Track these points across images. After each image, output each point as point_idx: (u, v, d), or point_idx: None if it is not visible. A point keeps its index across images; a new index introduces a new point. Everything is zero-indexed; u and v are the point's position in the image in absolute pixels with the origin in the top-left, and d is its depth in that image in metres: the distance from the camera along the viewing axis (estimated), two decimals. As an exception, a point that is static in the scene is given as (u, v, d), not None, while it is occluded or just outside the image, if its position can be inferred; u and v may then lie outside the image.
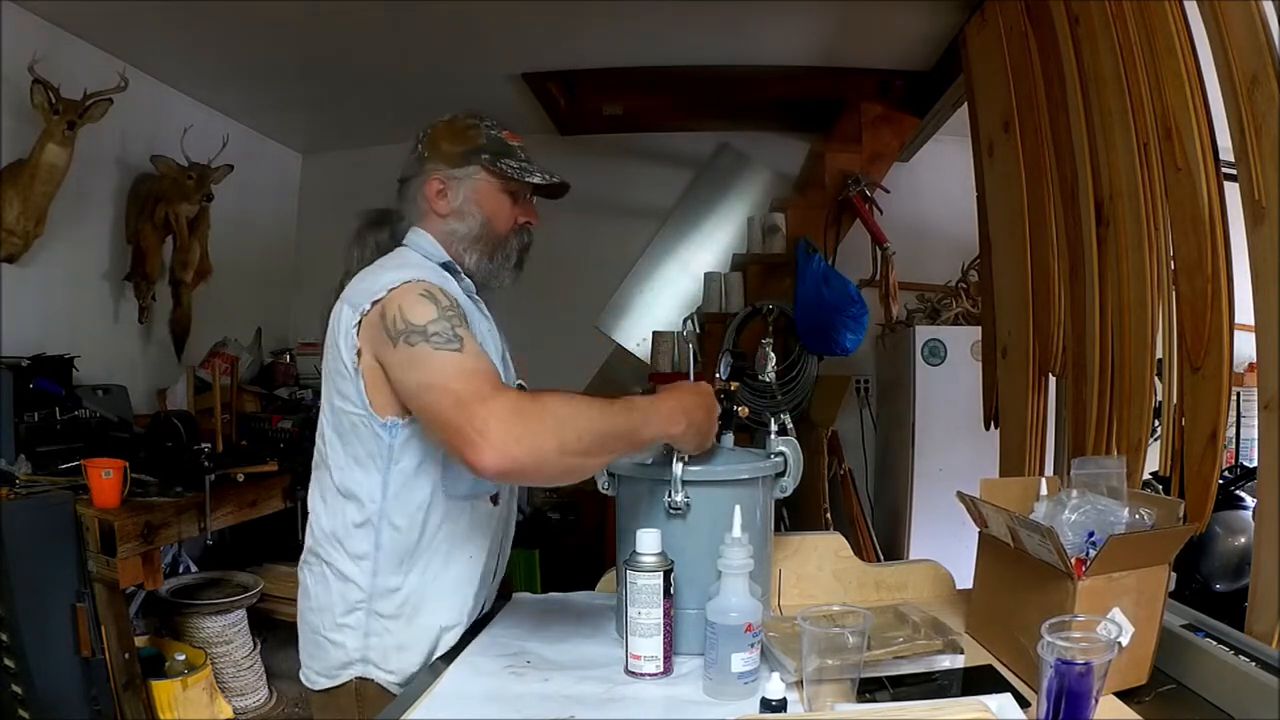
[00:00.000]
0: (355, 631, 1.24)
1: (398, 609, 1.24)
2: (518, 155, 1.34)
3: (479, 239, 1.33)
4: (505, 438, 1.00)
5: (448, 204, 1.32)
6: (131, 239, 3.18)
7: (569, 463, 1.05)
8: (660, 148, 4.25)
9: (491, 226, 1.33)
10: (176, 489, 2.43)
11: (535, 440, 1.01)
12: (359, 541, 1.24)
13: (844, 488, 3.59)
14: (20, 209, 2.56)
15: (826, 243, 3.51)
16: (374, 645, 1.25)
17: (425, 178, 1.33)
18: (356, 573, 1.24)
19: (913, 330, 3.63)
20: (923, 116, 3.55)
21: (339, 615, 1.25)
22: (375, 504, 1.23)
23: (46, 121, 2.53)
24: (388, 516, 1.23)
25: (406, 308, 1.13)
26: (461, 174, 1.32)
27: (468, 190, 1.32)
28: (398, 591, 1.24)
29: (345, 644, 1.25)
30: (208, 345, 3.57)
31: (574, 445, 1.04)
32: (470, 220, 1.32)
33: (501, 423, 1.01)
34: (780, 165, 4.17)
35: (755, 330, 3.47)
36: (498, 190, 1.33)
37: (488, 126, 1.35)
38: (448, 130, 1.34)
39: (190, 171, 3.09)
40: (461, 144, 1.32)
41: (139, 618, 2.70)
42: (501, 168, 1.32)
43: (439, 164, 1.32)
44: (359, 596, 1.24)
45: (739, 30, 3.06)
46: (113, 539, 2.13)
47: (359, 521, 1.23)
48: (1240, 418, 2.60)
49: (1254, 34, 1.33)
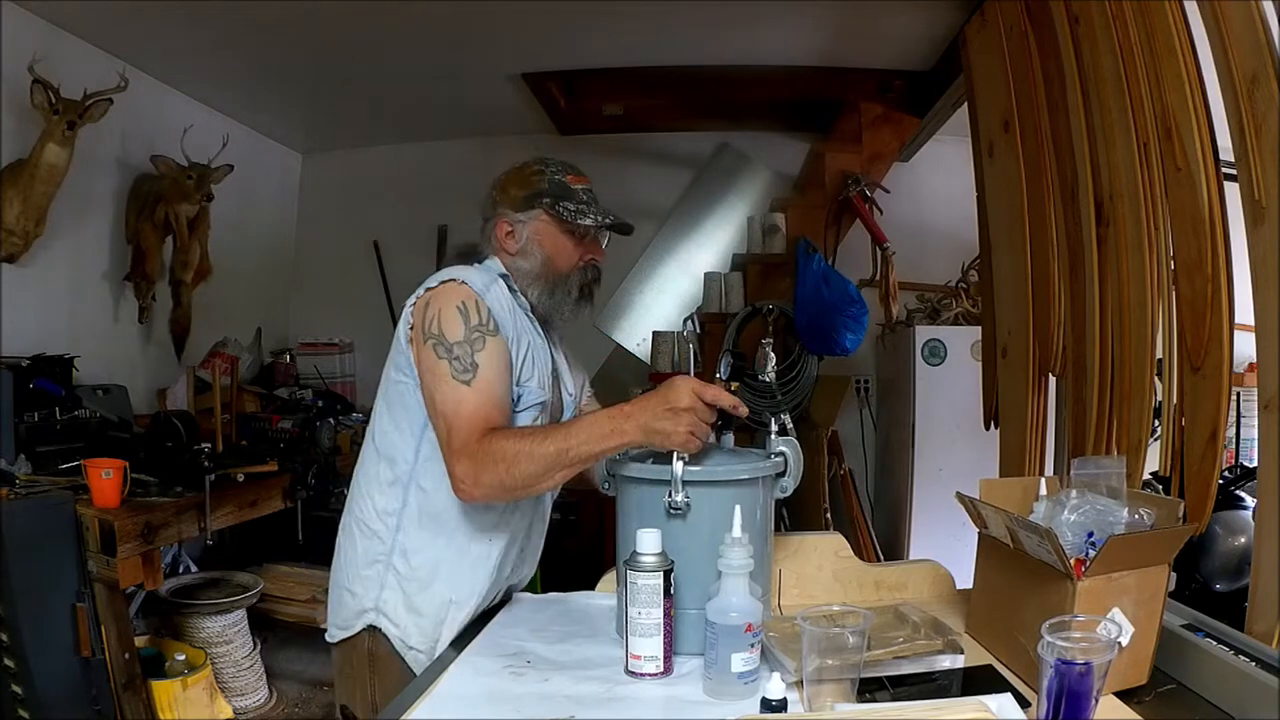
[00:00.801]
0: (372, 582, 1.37)
1: (413, 570, 1.36)
2: (578, 198, 1.43)
3: (540, 276, 1.43)
4: (467, 482, 1.23)
5: (514, 244, 1.44)
6: (131, 239, 3.18)
7: (515, 495, 1.28)
8: (660, 148, 4.25)
9: (553, 265, 1.43)
10: (176, 489, 2.43)
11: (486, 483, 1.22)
12: (388, 499, 1.37)
13: (844, 488, 3.59)
14: (20, 209, 2.56)
15: (826, 243, 3.51)
16: (386, 599, 1.36)
17: (496, 220, 1.45)
18: (381, 528, 1.37)
19: (913, 330, 3.63)
20: (923, 116, 3.55)
21: (361, 567, 1.38)
22: (408, 464, 1.36)
23: (46, 121, 2.53)
24: (417, 478, 1.35)
25: (442, 315, 1.29)
26: (525, 217, 1.43)
27: (530, 232, 1.43)
28: (417, 553, 1.36)
29: (361, 593, 1.37)
30: (208, 345, 3.57)
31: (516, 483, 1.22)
32: (532, 259, 1.43)
33: (465, 468, 1.23)
34: (780, 165, 4.17)
35: (755, 330, 3.46)
36: (559, 231, 1.43)
37: (552, 171, 1.45)
38: (516, 175, 1.46)
39: (190, 171, 3.09)
40: (525, 189, 1.43)
41: (139, 618, 2.70)
42: (559, 211, 1.42)
43: (505, 209, 1.44)
44: (380, 549, 1.37)
45: (739, 30, 3.06)
46: (113, 539, 2.13)
47: (390, 480, 1.37)
48: (1240, 418, 2.59)
49: (1254, 34, 1.33)
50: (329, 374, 4.02)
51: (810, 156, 3.88)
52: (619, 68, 3.48)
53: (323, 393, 3.81)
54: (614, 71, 3.52)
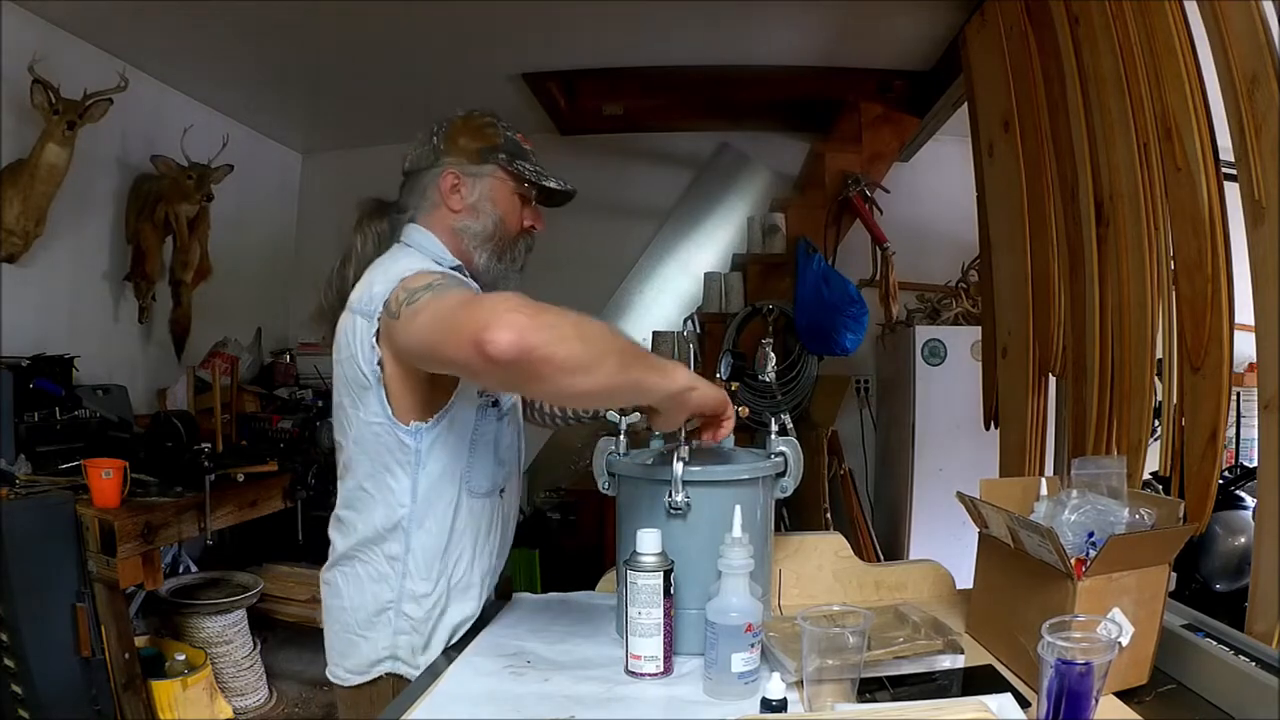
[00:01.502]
0: (384, 629, 1.27)
1: (426, 612, 1.27)
2: (531, 159, 1.35)
3: (490, 238, 1.32)
4: (523, 315, 0.95)
5: (461, 200, 1.31)
6: (131, 239, 3.18)
7: (587, 352, 0.98)
8: (660, 148, 4.25)
9: (503, 226, 1.33)
10: (176, 489, 2.43)
11: (551, 320, 0.97)
12: (391, 544, 1.26)
13: (844, 488, 3.59)
14: (20, 209, 2.56)
15: (826, 243, 3.51)
16: (402, 643, 1.27)
17: (441, 170, 1.32)
18: (389, 574, 1.26)
19: (913, 330, 3.63)
20: (923, 116, 3.55)
21: (371, 614, 1.27)
22: (405, 508, 1.24)
23: (46, 121, 2.53)
24: (418, 520, 1.25)
25: (408, 283, 1.14)
26: (478, 171, 1.31)
27: (483, 188, 1.31)
28: (426, 597, 1.27)
29: (376, 641, 1.27)
30: (208, 345, 3.57)
31: (590, 334, 1.00)
32: (484, 218, 1.32)
33: (517, 303, 0.97)
34: (780, 165, 4.17)
35: (755, 330, 3.46)
36: (511, 191, 1.33)
37: (504, 127, 1.35)
38: (465, 126, 1.34)
39: (190, 171, 3.10)
40: (480, 140, 1.32)
41: (139, 618, 2.70)
42: (518, 169, 1.32)
43: (456, 158, 1.31)
44: (389, 596, 1.26)
45: (739, 30, 3.06)
46: (113, 539, 2.13)
47: (389, 526, 1.25)
48: (1240, 418, 2.59)
49: (1254, 34, 1.33)
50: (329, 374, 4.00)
51: (810, 156, 3.88)
52: (619, 68, 3.48)
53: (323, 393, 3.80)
54: (614, 71, 3.53)
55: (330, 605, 1.33)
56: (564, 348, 0.96)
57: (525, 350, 0.94)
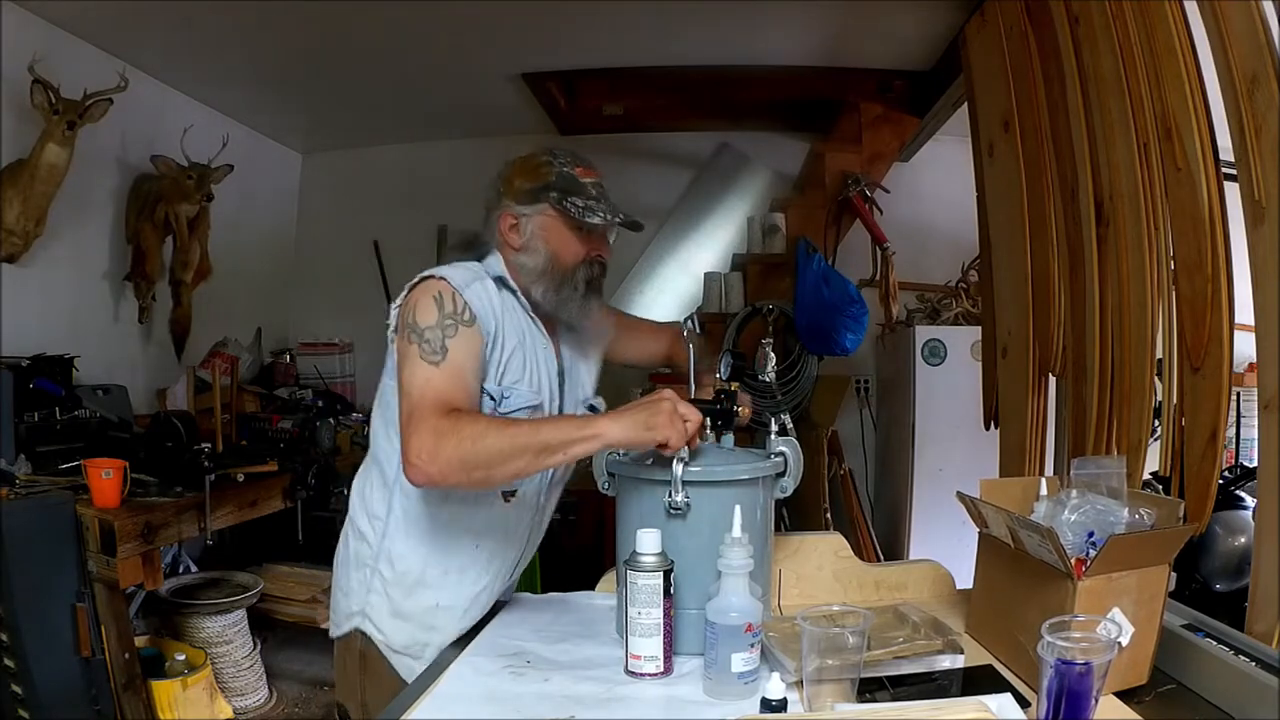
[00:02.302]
0: (360, 585, 1.38)
1: (398, 576, 1.36)
2: (586, 192, 1.39)
3: (544, 273, 1.38)
4: (424, 456, 1.14)
5: (518, 238, 1.39)
6: (131, 239, 3.18)
7: (474, 476, 1.17)
8: (660, 148, 4.25)
9: (558, 261, 1.38)
10: (176, 489, 2.43)
11: (444, 458, 1.14)
12: (377, 503, 1.38)
13: (844, 488, 3.59)
14: (20, 209, 2.56)
15: (826, 243, 3.51)
16: (372, 603, 1.37)
17: (500, 212, 1.40)
18: (369, 531, 1.38)
19: (913, 330, 3.63)
20: (923, 116, 3.55)
21: (352, 569, 1.40)
22: (393, 468, 1.33)
23: (46, 121, 2.53)
24: (401, 482, 1.31)
25: (418, 307, 1.26)
26: (530, 211, 1.38)
27: (535, 226, 1.38)
28: (401, 559, 1.36)
29: (352, 596, 1.39)
30: (208, 345, 3.57)
31: (477, 461, 1.15)
32: (536, 255, 1.38)
33: (424, 441, 1.15)
34: (780, 165, 4.17)
35: (755, 330, 3.46)
36: (564, 226, 1.38)
37: (561, 163, 1.40)
38: (523, 167, 1.41)
39: (190, 171, 3.10)
40: (532, 181, 1.39)
41: (139, 618, 2.70)
42: (566, 206, 1.37)
43: (510, 201, 1.39)
44: (368, 553, 1.38)
45: (739, 30, 3.06)
46: (113, 539, 2.13)
47: (380, 484, 1.37)
48: (1240, 418, 2.59)
49: (1254, 34, 1.33)
50: (329, 374, 4.02)
51: (810, 156, 3.88)
52: (619, 68, 3.48)
53: (323, 393, 3.81)
54: (614, 71, 3.53)
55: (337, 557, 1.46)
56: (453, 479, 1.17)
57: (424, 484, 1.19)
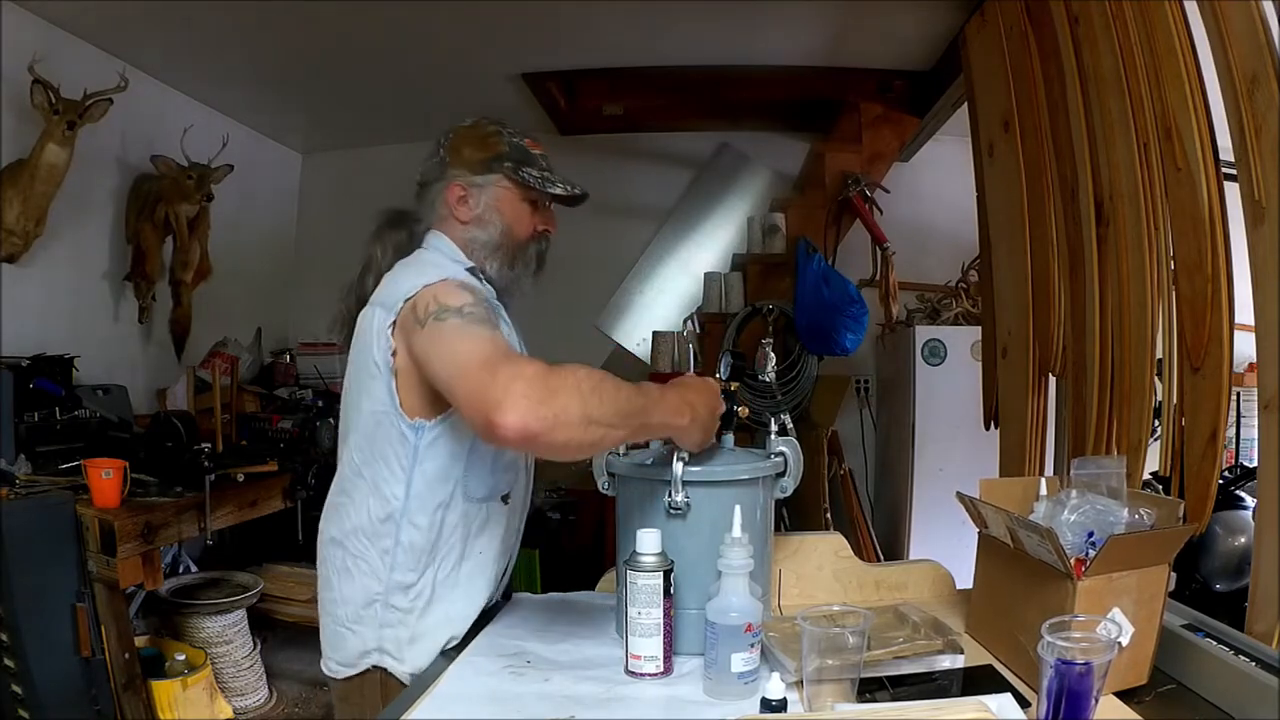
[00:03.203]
0: (372, 622, 1.28)
1: (410, 603, 1.27)
2: (539, 164, 1.35)
3: (499, 247, 1.34)
4: (530, 400, 0.99)
5: (469, 211, 1.33)
6: (131, 239, 3.18)
7: (590, 433, 1.04)
8: (660, 148, 4.25)
9: (512, 234, 1.34)
10: (176, 489, 2.43)
11: (559, 405, 1.01)
12: (381, 537, 1.27)
13: (844, 488, 3.59)
14: (20, 209, 2.56)
15: (826, 243, 3.51)
16: (388, 636, 1.28)
17: (446, 183, 1.33)
18: (378, 566, 1.27)
19: (913, 330, 3.63)
20: (923, 116, 3.55)
21: (359, 606, 1.28)
22: (398, 501, 1.25)
23: (46, 121, 2.53)
24: (409, 515, 1.25)
25: (441, 296, 1.16)
26: (483, 181, 1.32)
27: (489, 198, 1.33)
28: (412, 588, 1.27)
29: (364, 634, 1.28)
30: (208, 345, 3.57)
31: (596, 415, 1.04)
32: (491, 228, 1.33)
33: (528, 384, 1.00)
34: (780, 165, 4.17)
35: (755, 330, 3.46)
36: (518, 199, 1.34)
37: (509, 134, 1.35)
38: (470, 136, 1.35)
39: (190, 171, 3.10)
40: (484, 151, 1.33)
41: (139, 618, 2.70)
42: (523, 176, 1.33)
43: (461, 170, 1.33)
44: (377, 589, 1.27)
45: (739, 30, 3.06)
46: (113, 539, 2.13)
47: (382, 517, 1.26)
48: (1240, 418, 2.59)
49: (1254, 34, 1.33)
50: (329, 374, 4.01)
51: (810, 156, 3.88)
52: (619, 68, 3.48)
53: (323, 393, 3.80)
54: (614, 71, 3.53)
55: (322, 598, 1.34)
56: (564, 434, 1.02)
57: (529, 437, 1.00)
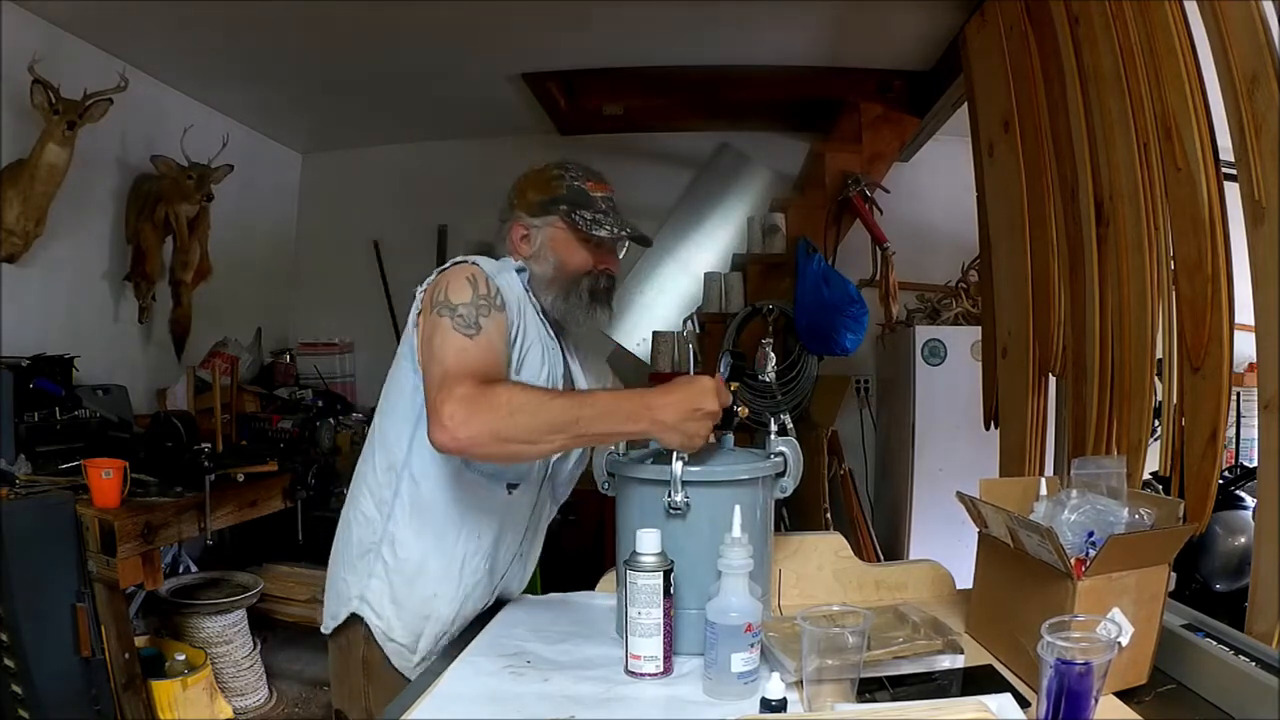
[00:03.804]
0: (362, 571, 1.37)
1: (400, 562, 1.35)
2: (596, 206, 1.43)
3: (554, 281, 1.42)
4: (455, 421, 1.12)
5: (528, 248, 1.43)
6: (131, 239, 3.18)
7: (508, 449, 1.17)
8: (660, 148, 4.25)
9: (564, 271, 1.42)
10: (176, 489, 2.43)
11: (477, 426, 1.13)
12: (383, 486, 1.36)
13: (844, 488, 3.59)
14: (20, 209, 2.56)
15: (826, 243, 3.51)
16: (372, 587, 1.35)
17: (511, 223, 1.44)
18: (375, 515, 1.37)
19: (913, 330, 3.63)
20: (923, 116, 3.55)
21: (354, 556, 1.38)
22: (401, 451, 1.34)
23: (46, 121, 2.53)
24: (410, 466, 1.34)
25: (450, 285, 1.27)
26: (540, 223, 1.42)
27: (544, 237, 1.42)
28: (404, 545, 1.35)
29: (351, 581, 1.38)
30: (208, 345, 3.57)
31: (511, 434, 1.14)
32: (546, 264, 1.42)
33: (456, 406, 1.13)
34: (780, 165, 4.17)
35: (755, 330, 3.46)
36: (573, 239, 1.42)
37: (573, 177, 1.44)
38: (535, 179, 1.45)
39: (190, 171, 3.10)
40: (543, 194, 1.43)
41: (139, 618, 2.70)
42: (575, 219, 1.41)
43: (522, 212, 1.43)
44: (372, 538, 1.36)
45: (739, 30, 3.06)
46: (113, 539, 2.13)
47: (385, 466, 1.36)
48: (1240, 418, 2.59)
49: (1254, 34, 1.33)
50: (329, 374, 4.02)
51: (810, 156, 3.88)
52: (619, 68, 3.48)
53: (323, 393, 3.81)
54: (614, 71, 3.53)
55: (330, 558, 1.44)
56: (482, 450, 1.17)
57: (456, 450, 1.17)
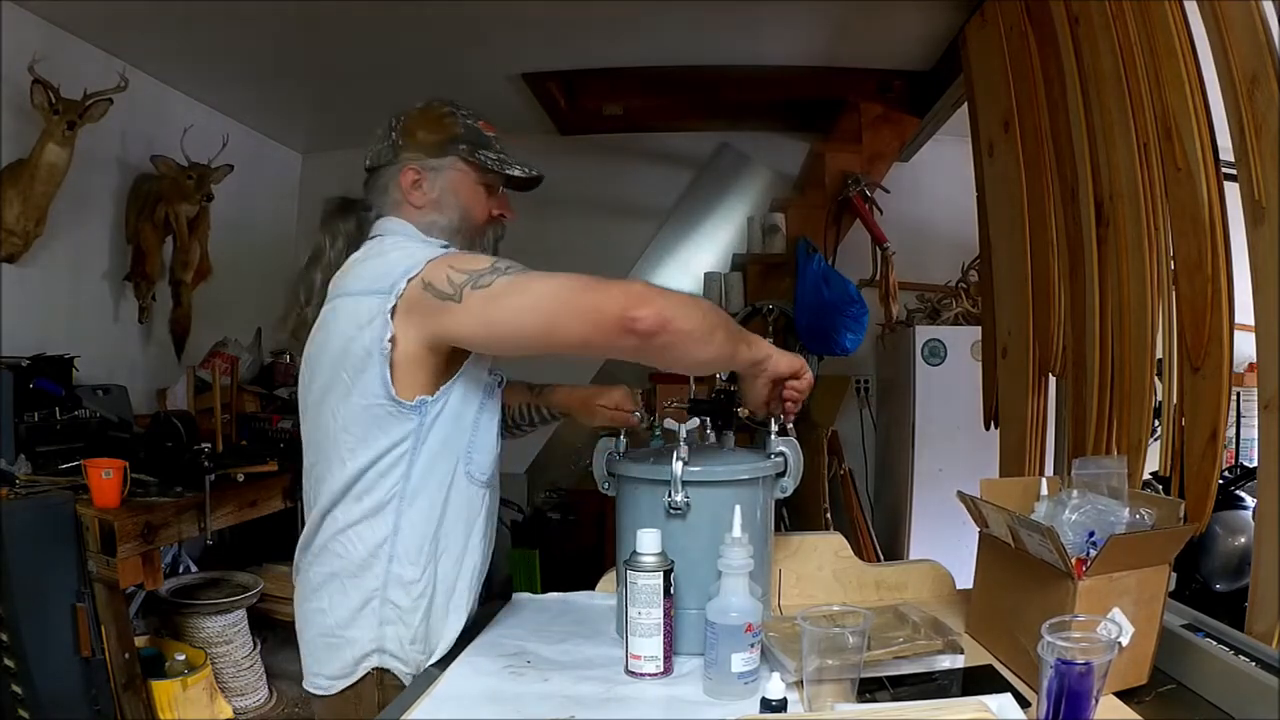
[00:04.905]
0: (370, 622, 1.19)
1: (414, 602, 1.20)
2: (494, 146, 1.31)
3: (457, 231, 1.29)
4: (652, 292, 1.09)
5: (423, 195, 1.28)
6: (131, 239, 3.18)
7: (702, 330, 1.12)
8: (660, 148, 4.24)
9: (469, 218, 1.30)
10: (176, 489, 2.43)
11: (680, 302, 1.11)
12: (374, 531, 1.18)
13: (844, 488, 3.59)
14: (20, 209, 2.56)
15: (826, 243, 3.51)
16: (388, 635, 1.20)
17: (400, 167, 1.28)
18: (373, 562, 1.19)
19: (913, 330, 3.63)
20: (923, 116, 3.55)
21: (354, 610, 1.20)
22: (398, 487, 1.18)
23: (46, 121, 2.53)
24: (410, 497, 1.18)
25: (459, 265, 1.13)
26: (438, 164, 1.28)
27: (445, 181, 1.28)
28: (414, 584, 1.20)
29: (360, 638, 1.20)
30: (208, 345, 3.57)
31: (707, 313, 1.14)
32: (448, 212, 1.28)
33: (645, 286, 1.10)
34: (780, 165, 4.17)
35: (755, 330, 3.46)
36: (474, 182, 1.30)
37: (464, 115, 1.31)
38: (423, 118, 1.30)
39: (190, 171, 3.09)
40: (438, 133, 1.28)
41: (139, 618, 2.70)
42: (480, 159, 1.29)
43: (414, 153, 1.28)
44: (374, 586, 1.19)
45: (739, 30, 3.06)
46: (113, 539, 2.13)
47: (371, 510, 1.18)
48: (1240, 418, 2.59)
49: (1254, 34, 1.33)
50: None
51: (810, 156, 3.88)
52: (619, 68, 3.48)
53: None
54: (614, 71, 3.52)
55: (303, 610, 1.25)
56: (690, 322, 1.10)
57: (665, 323, 1.07)
